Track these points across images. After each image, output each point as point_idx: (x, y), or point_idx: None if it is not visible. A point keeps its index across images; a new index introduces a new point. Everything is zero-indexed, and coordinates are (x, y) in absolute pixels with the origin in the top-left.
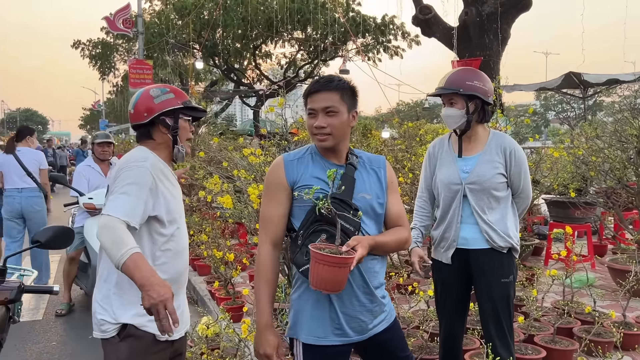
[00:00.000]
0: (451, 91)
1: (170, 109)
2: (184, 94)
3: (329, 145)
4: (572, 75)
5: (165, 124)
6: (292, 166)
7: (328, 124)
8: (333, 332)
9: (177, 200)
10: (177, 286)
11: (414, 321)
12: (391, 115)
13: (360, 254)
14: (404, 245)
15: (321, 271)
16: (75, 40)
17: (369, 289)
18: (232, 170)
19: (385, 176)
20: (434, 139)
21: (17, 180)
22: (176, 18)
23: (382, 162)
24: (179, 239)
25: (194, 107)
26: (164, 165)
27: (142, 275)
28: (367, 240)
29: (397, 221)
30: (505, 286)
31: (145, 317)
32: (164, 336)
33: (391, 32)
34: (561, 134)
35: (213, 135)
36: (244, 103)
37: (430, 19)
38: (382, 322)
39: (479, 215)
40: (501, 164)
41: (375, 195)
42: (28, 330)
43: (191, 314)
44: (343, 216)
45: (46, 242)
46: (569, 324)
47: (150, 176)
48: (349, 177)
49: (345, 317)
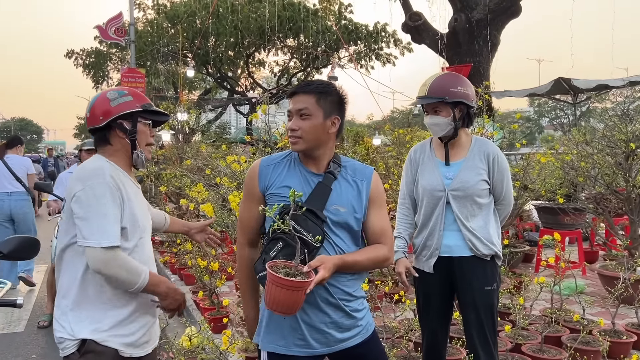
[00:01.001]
0: (436, 100)
1: (128, 112)
2: (144, 97)
3: (299, 148)
4: (561, 81)
5: (123, 128)
6: (267, 172)
7: (299, 126)
8: (295, 342)
9: (141, 207)
10: (142, 299)
11: (399, 330)
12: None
13: (320, 277)
14: (382, 264)
15: (274, 292)
16: (69, 50)
17: (335, 300)
18: (215, 178)
19: (368, 190)
20: (415, 145)
21: (6, 184)
22: (169, 26)
23: (368, 175)
24: (142, 250)
25: (155, 111)
26: (122, 173)
27: (163, 286)
28: (332, 261)
29: (379, 238)
30: (489, 294)
31: (107, 332)
32: (127, 352)
33: (383, 40)
34: (551, 140)
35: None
36: (237, 111)
37: (420, 25)
38: (355, 337)
39: (462, 223)
40: (484, 170)
41: (351, 209)
42: (8, 343)
43: (175, 325)
44: (306, 227)
45: (9, 253)
46: (557, 333)
47: (114, 188)
48: (325, 186)
49: (307, 327)
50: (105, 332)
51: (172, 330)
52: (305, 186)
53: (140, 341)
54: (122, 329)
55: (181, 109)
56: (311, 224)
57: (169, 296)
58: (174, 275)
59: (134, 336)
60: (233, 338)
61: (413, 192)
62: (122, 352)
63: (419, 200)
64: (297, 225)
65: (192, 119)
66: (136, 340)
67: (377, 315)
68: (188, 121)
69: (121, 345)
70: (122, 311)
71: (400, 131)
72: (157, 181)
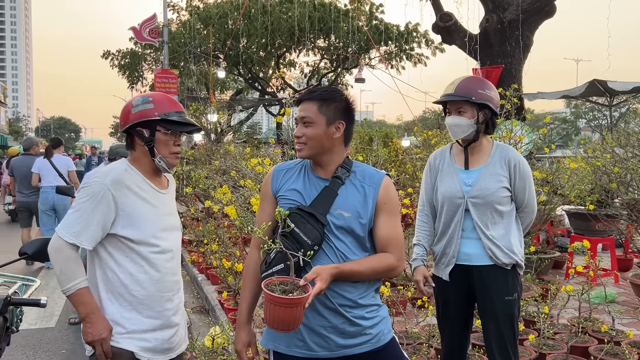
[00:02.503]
0: (463, 98)
1: (146, 120)
2: (171, 105)
3: (304, 155)
4: (596, 83)
5: (141, 135)
6: (279, 176)
7: (303, 133)
8: (295, 343)
9: (152, 217)
10: (151, 312)
11: (421, 337)
12: (413, 124)
13: (317, 289)
14: (387, 274)
15: (274, 311)
16: (105, 51)
17: (333, 305)
18: (239, 180)
19: (376, 195)
20: (435, 151)
21: (51, 179)
22: (201, 28)
23: (377, 180)
24: (155, 263)
25: (175, 121)
26: (141, 179)
27: (85, 311)
28: (328, 271)
29: (385, 247)
30: (509, 304)
31: (121, 334)
32: (145, 356)
33: (414, 40)
34: (582, 143)
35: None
36: (268, 112)
37: (450, 26)
38: (362, 345)
39: (481, 231)
40: (505, 177)
41: (355, 214)
42: (39, 338)
43: (200, 324)
44: (304, 230)
45: (33, 254)
46: (584, 343)
47: (108, 192)
48: (330, 190)
49: (305, 329)
50: (120, 335)
51: (196, 329)
52: (311, 190)
53: (159, 347)
54: (141, 335)
55: (212, 109)
56: (309, 227)
57: (84, 322)
58: (200, 275)
59: (151, 343)
60: (255, 339)
61: (432, 198)
62: (139, 355)
63: (438, 207)
64: (296, 228)
65: (222, 120)
66: (154, 346)
67: (399, 321)
68: (219, 122)
69: (138, 349)
70: (141, 319)
71: (429, 133)
72: (188, 181)
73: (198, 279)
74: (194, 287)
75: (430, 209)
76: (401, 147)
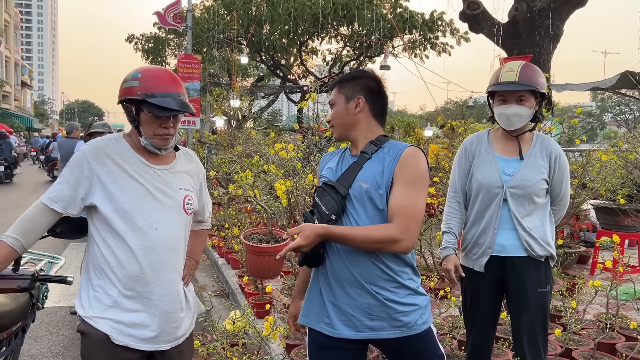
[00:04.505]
0: (529, 88)
1: (130, 98)
2: (155, 84)
3: (335, 136)
4: (628, 75)
5: (128, 112)
6: (324, 160)
7: (330, 116)
8: (323, 320)
9: (132, 190)
10: (134, 292)
11: (443, 327)
12: (436, 114)
13: (294, 244)
14: (386, 246)
15: (249, 258)
16: (129, 35)
17: (359, 284)
18: (263, 165)
19: (394, 164)
20: (470, 135)
21: None
22: (225, 13)
23: (398, 150)
24: (131, 241)
25: (155, 104)
26: (126, 151)
27: None
28: (312, 229)
29: (392, 217)
30: (543, 296)
31: (100, 310)
32: (121, 340)
33: (439, 29)
34: (614, 137)
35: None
36: (289, 99)
37: (478, 14)
38: (391, 330)
39: (518, 222)
40: (545, 169)
41: (374, 185)
42: (63, 315)
43: (220, 307)
44: (324, 200)
45: (61, 232)
46: (611, 339)
47: (85, 161)
48: (356, 165)
49: (332, 306)
50: (99, 314)
51: (216, 312)
52: (342, 166)
53: (139, 334)
54: (119, 315)
55: (234, 95)
56: (328, 198)
57: None
58: (221, 259)
59: (129, 327)
60: (275, 325)
61: (466, 185)
62: (114, 338)
63: (471, 195)
64: (319, 201)
65: (244, 106)
66: (134, 332)
67: None
68: (240, 108)
69: (114, 332)
70: (121, 298)
71: (453, 123)
72: (209, 165)
73: (218, 263)
74: (214, 270)
75: (463, 195)
76: (423, 137)
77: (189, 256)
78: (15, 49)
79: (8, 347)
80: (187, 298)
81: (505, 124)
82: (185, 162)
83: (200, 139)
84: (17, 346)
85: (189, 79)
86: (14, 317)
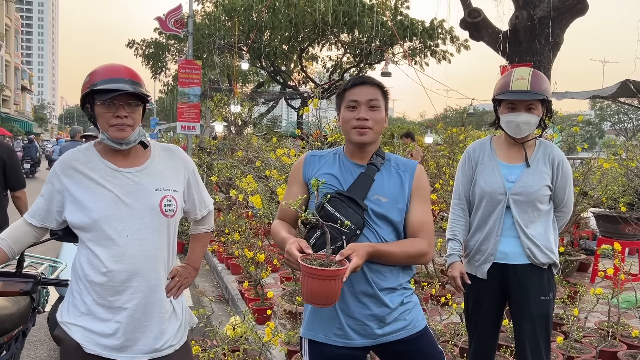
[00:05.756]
0: (541, 96)
1: (84, 95)
2: (101, 74)
3: (367, 139)
4: (629, 83)
5: (87, 113)
6: (313, 161)
7: (371, 117)
8: (334, 332)
9: (99, 197)
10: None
11: (445, 334)
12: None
13: (354, 264)
14: (418, 259)
15: (310, 284)
16: (130, 40)
17: (374, 291)
18: (265, 170)
19: (411, 181)
20: (473, 142)
21: None
22: (226, 19)
23: (412, 167)
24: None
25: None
26: (94, 159)
27: None
28: (364, 248)
29: (417, 232)
30: (545, 304)
31: (75, 317)
32: (93, 349)
33: (439, 36)
34: (614, 145)
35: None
36: (289, 105)
37: (479, 22)
38: (399, 331)
39: (521, 229)
40: (548, 175)
41: (393, 200)
42: None
43: (220, 313)
44: (346, 214)
45: (64, 234)
46: (613, 348)
47: (55, 175)
48: (367, 177)
49: (345, 317)
50: (72, 321)
51: (216, 318)
52: (347, 176)
53: (109, 344)
54: (87, 321)
55: (234, 101)
56: (351, 212)
57: None
58: (220, 264)
59: (98, 336)
60: (276, 330)
61: (469, 192)
62: (85, 347)
63: (474, 202)
64: (337, 213)
65: (244, 112)
66: (102, 342)
67: None
68: (240, 113)
69: (85, 340)
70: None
71: (453, 130)
72: (209, 171)
73: (218, 269)
74: (214, 276)
75: (467, 202)
76: (424, 144)
77: (186, 263)
78: (15, 53)
79: (8, 351)
80: (174, 309)
81: (514, 131)
82: (163, 159)
83: (200, 144)
84: (18, 350)
85: (190, 84)
86: (15, 320)
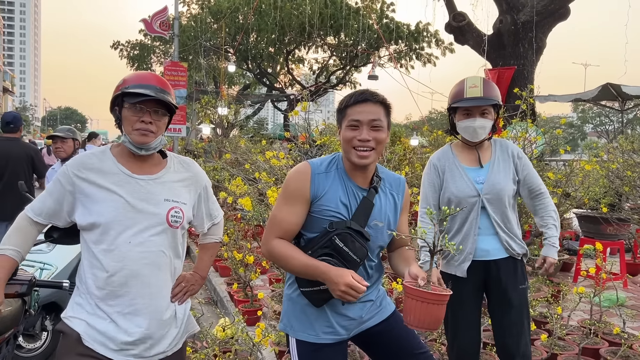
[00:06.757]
0: (493, 102)
1: (114, 98)
2: (135, 80)
3: (369, 162)
4: (609, 87)
5: (115, 115)
6: (319, 180)
7: (373, 137)
8: (323, 330)
9: (109, 203)
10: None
11: (432, 333)
12: (422, 123)
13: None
14: None
15: (428, 310)
16: (115, 41)
17: (366, 295)
18: (254, 172)
19: (402, 201)
20: (435, 152)
21: None
22: (212, 22)
23: (402, 186)
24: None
25: (132, 93)
26: (109, 163)
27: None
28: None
29: (404, 242)
30: (523, 292)
31: (73, 310)
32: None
33: (424, 40)
34: (595, 147)
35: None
36: (276, 107)
37: (463, 26)
38: (373, 317)
39: (498, 225)
40: (512, 170)
41: (387, 223)
42: None
43: (209, 315)
44: (353, 248)
45: (60, 236)
46: (595, 345)
47: (67, 176)
48: (368, 202)
49: (335, 316)
50: (72, 310)
51: (206, 320)
52: (352, 201)
53: (109, 344)
54: (91, 319)
55: (222, 103)
56: (358, 246)
57: None
58: None
59: (98, 332)
60: (266, 331)
61: (438, 200)
62: (85, 339)
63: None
64: (345, 247)
65: (231, 114)
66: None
67: None
68: (227, 116)
69: (84, 332)
70: (93, 304)
71: (439, 132)
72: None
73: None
74: None
75: (435, 210)
76: (409, 146)
77: (194, 271)
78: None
79: (0, 353)
80: (175, 315)
81: (471, 136)
82: (178, 171)
83: (186, 146)
84: (9, 353)
85: (175, 86)
86: (7, 323)
